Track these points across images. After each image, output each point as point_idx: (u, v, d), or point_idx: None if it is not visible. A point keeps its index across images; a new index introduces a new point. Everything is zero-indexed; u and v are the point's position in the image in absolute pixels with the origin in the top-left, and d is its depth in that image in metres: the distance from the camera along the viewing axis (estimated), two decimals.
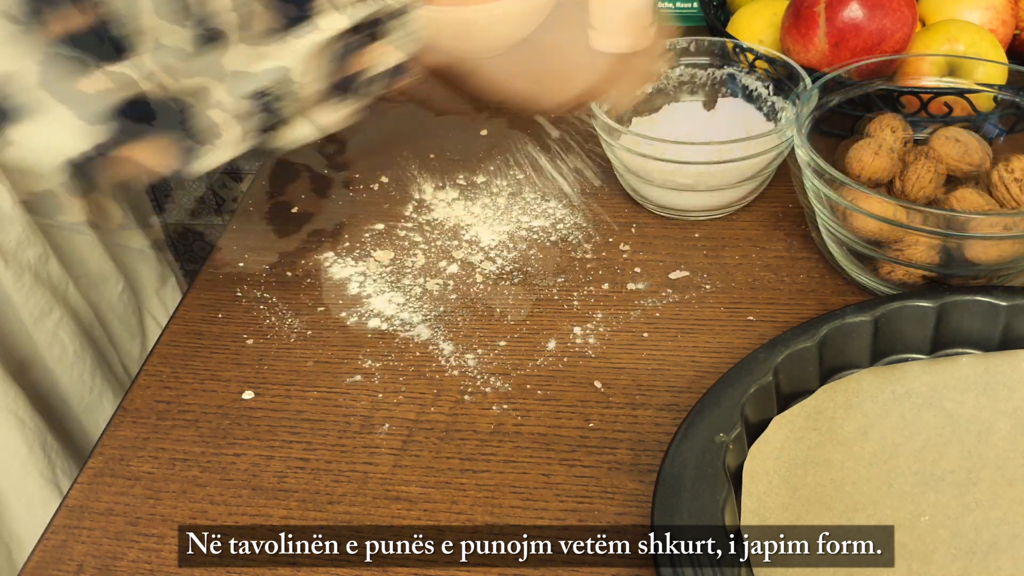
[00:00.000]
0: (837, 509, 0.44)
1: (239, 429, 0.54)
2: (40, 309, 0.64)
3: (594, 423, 0.52)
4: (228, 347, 0.59)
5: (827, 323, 0.49)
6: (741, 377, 0.46)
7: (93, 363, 0.68)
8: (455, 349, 0.57)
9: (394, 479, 0.50)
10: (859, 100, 0.63)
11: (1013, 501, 0.43)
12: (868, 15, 0.69)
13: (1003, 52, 0.70)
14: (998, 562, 0.41)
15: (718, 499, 0.41)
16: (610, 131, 0.63)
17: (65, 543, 0.48)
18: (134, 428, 0.55)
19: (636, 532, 0.46)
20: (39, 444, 0.64)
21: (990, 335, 0.50)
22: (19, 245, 0.63)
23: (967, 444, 0.46)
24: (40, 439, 0.64)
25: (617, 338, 0.57)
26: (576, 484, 0.49)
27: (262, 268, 0.65)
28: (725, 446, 0.43)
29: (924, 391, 0.48)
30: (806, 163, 0.55)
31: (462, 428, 0.53)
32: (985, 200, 0.55)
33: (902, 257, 0.54)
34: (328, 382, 0.56)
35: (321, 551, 0.47)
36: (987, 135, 0.61)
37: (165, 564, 0.47)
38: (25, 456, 0.63)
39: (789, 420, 0.46)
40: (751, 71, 0.69)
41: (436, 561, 0.46)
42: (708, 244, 0.64)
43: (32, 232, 0.64)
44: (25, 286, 0.63)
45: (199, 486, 0.51)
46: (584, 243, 0.65)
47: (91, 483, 0.51)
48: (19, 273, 0.63)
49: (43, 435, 0.64)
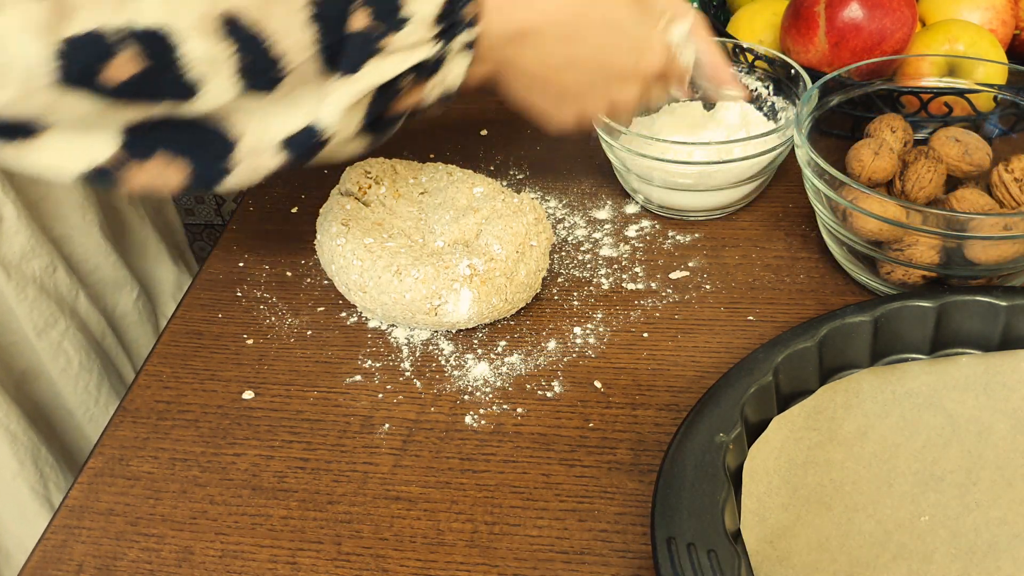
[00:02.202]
0: (837, 509, 0.44)
1: (239, 429, 0.54)
2: (45, 320, 0.64)
3: (594, 423, 0.52)
4: (228, 347, 0.59)
5: (827, 323, 0.49)
6: (741, 377, 0.46)
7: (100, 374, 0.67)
8: (455, 349, 0.57)
9: (394, 479, 0.50)
10: (859, 100, 0.63)
11: (1013, 501, 0.43)
12: (868, 15, 0.69)
13: (1003, 52, 0.70)
14: (998, 562, 0.41)
15: (718, 499, 0.41)
16: (610, 131, 0.63)
17: (65, 543, 0.48)
18: (134, 428, 0.55)
19: (636, 532, 0.46)
20: (31, 458, 0.63)
21: (990, 335, 0.50)
22: (23, 256, 0.62)
23: (967, 444, 0.46)
24: (32, 453, 0.64)
25: (617, 338, 0.57)
26: (576, 484, 0.49)
27: (262, 268, 0.65)
28: (725, 446, 0.43)
29: (924, 391, 0.48)
30: (806, 163, 0.55)
31: (462, 428, 0.53)
32: (985, 200, 0.55)
33: (902, 257, 0.54)
34: (328, 382, 0.56)
35: (321, 551, 0.47)
36: (987, 135, 0.61)
37: (165, 564, 0.47)
38: (15, 470, 0.63)
39: (789, 420, 0.46)
40: (751, 71, 0.69)
41: (436, 561, 0.46)
42: (708, 244, 0.64)
43: (38, 243, 0.63)
44: (28, 298, 0.63)
45: (199, 486, 0.51)
46: (584, 243, 0.65)
47: (91, 483, 0.51)
48: (22, 285, 0.62)
49: (36, 449, 0.64)
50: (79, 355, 0.65)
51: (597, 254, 0.64)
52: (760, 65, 0.69)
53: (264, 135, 0.43)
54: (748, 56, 0.69)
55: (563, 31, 0.49)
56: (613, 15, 0.50)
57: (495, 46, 0.47)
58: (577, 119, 0.54)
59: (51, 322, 0.64)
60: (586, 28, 0.49)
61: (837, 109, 0.62)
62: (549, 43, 0.49)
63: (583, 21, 0.49)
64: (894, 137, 0.60)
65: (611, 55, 0.50)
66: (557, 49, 0.49)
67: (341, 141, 0.45)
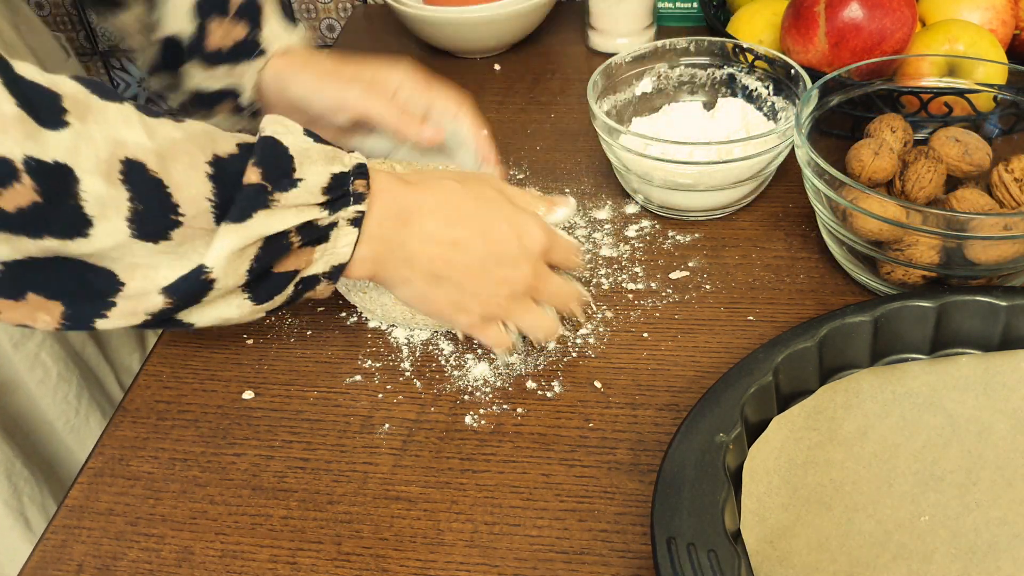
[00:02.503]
0: (837, 509, 0.44)
1: (239, 429, 0.54)
2: (22, 332, 0.63)
3: (594, 423, 0.52)
4: (228, 347, 0.59)
5: (827, 323, 0.49)
6: (741, 377, 0.46)
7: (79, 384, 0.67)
8: (455, 349, 0.57)
9: (394, 479, 0.50)
10: (859, 100, 0.63)
11: (1013, 501, 0.43)
12: (868, 15, 0.69)
13: (1003, 52, 0.70)
14: (998, 562, 0.41)
15: (718, 499, 0.41)
16: (610, 131, 0.63)
17: (65, 543, 0.48)
18: (134, 428, 0.55)
19: (636, 532, 0.46)
20: (3, 471, 0.63)
21: (990, 335, 0.50)
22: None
23: (967, 444, 0.46)
24: (6, 467, 0.63)
25: (617, 338, 0.57)
26: (576, 484, 0.49)
27: None
28: (725, 446, 0.43)
29: (924, 391, 0.48)
30: (806, 163, 0.55)
31: (462, 428, 0.53)
32: (985, 200, 0.55)
33: (902, 257, 0.54)
34: (328, 382, 0.56)
35: (321, 551, 0.47)
36: (987, 135, 0.61)
37: (165, 564, 0.47)
38: None
39: (789, 420, 0.46)
40: (751, 71, 0.70)
41: (436, 561, 0.46)
42: (708, 244, 0.64)
43: None
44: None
45: (199, 486, 0.51)
46: (584, 243, 0.65)
47: (91, 483, 0.51)
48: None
49: (10, 463, 0.63)
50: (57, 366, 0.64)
51: (597, 254, 0.64)
52: (760, 65, 0.69)
53: (149, 281, 0.43)
54: (748, 56, 0.69)
55: (444, 213, 0.49)
56: (486, 197, 0.51)
57: (382, 224, 0.48)
58: (483, 314, 0.52)
59: (28, 334, 0.63)
60: (465, 212, 0.50)
61: (837, 109, 0.62)
62: (432, 224, 0.49)
63: (462, 206, 0.50)
64: (894, 137, 0.60)
65: (494, 236, 0.50)
66: (442, 231, 0.49)
67: (225, 289, 0.45)
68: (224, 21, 0.59)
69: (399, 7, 0.89)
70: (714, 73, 0.71)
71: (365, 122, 0.59)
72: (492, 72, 0.89)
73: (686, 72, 0.72)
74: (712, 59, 0.71)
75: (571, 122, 0.79)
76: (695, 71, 0.71)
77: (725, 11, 0.87)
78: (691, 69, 0.71)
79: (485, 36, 0.89)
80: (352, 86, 0.59)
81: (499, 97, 0.84)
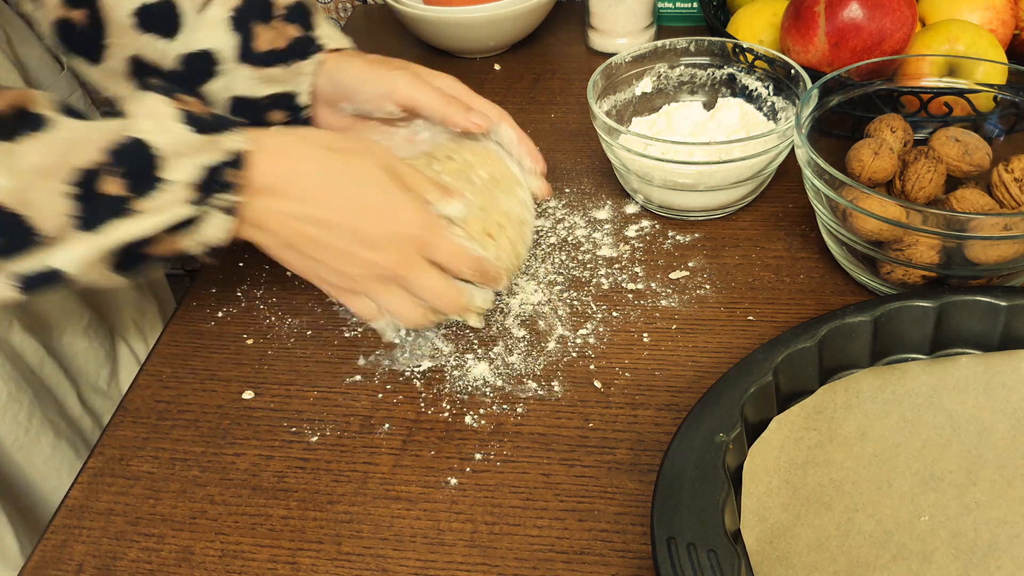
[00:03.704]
0: (837, 509, 0.44)
1: (239, 429, 0.54)
2: None
3: (594, 423, 0.52)
4: (228, 347, 0.59)
5: (827, 323, 0.49)
6: (741, 377, 0.46)
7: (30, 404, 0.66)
8: (455, 349, 0.57)
9: (394, 479, 0.50)
10: (859, 100, 0.63)
11: (1013, 501, 0.43)
12: (868, 15, 0.69)
13: (1003, 52, 0.70)
14: (998, 562, 0.41)
15: (718, 499, 0.41)
16: (610, 131, 0.63)
17: (65, 543, 0.48)
18: (134, 428, 0.55)
19: (636, 532, 0.46)
20: None
21: (990, 335, 0.50)
22: None
23: (967, 444, 0.46)
24: None
25: (617, 338, 0.57)
26: (576, 484, 0.49)
27: (262, 268, 0.65)
28: (725, 446, 0.43)
29: (924, 391, 0.48)
30: (806, 163, 0.55)
31: (462, 428, 0.53)
32: (985, 200, 0.55)
33: (902, 257, 0.54)
34: (328, 382, 0.56)
35: (321, 551, 0.47)
36: (987, 135, 0.61)
37: (165, 564, 0.47)
38: None
39: (789, 420, 0.46)
40: (751, 71, 0.69)
41: (436, 561, 0.46)
42: (708, 244, 0.64)
43: None
44: None
45: (199, 486, 0.51)
46: (584, 243, 0.65)
47: (91, 483, 0.51)
48: None
49: None
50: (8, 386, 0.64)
51: (597, 254, 0.64)
52: (760, 65, 0.69)
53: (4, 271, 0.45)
54: (748, 56, 0.69)
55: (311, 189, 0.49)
56: (368, 176, 0.50)
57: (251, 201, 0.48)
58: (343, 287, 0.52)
59: None
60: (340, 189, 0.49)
61: (837, 109, 0.62)
62: (295, 201, 0.49)
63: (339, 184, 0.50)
64: (894, 137, 0.60)
65: (364, 217, 0.49)
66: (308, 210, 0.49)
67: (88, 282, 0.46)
68: (269, 26, 0.59)
69: (399, 7, 0.89)
70: (714, 73, 0.71)
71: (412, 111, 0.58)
72: (492, 72, 0.89)
73: (686, 72, 0.72)
74: (712, 59, 0.71)
75: (571, 122, 0.79)
76: (695, 71, 0.71)
77: (725, 11, 0.87)
78: (691, 69, 0.71)
79: (485, 36, 0.89)
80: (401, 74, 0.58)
81: (499, 97, 0.84)
